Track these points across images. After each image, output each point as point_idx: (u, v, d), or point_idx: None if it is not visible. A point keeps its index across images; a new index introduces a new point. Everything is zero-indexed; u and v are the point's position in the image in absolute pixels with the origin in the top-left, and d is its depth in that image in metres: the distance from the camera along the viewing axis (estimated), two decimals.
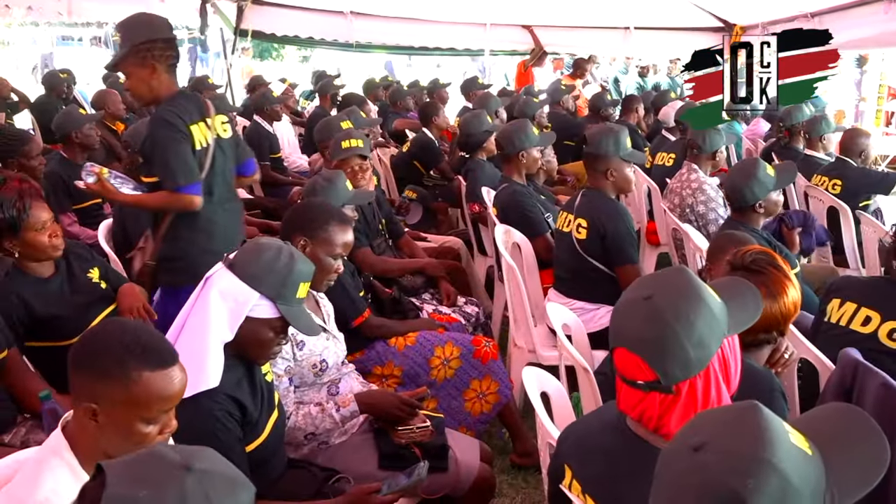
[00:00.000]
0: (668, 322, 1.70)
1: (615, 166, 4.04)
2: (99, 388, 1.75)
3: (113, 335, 1.81)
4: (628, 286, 3.83)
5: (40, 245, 3.10)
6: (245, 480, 1.34)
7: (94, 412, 1.76)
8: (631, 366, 1.75)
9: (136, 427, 1.78)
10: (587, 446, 1.91)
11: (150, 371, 1.77)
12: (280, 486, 2.52)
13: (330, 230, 3.03)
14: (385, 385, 3.53)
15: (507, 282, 4.24)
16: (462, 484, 2.84)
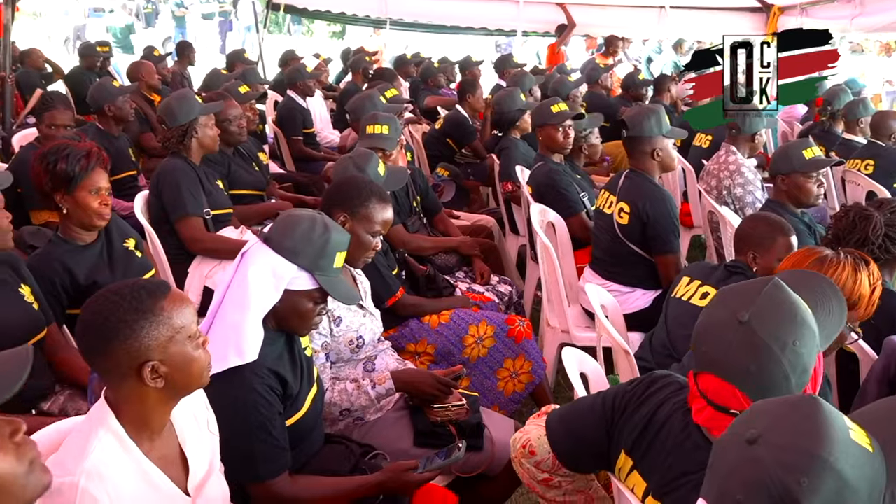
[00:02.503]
0: (771, 351, 1.62)
1: (660, 145, 4.00)
2: (143, 344, 1.76)
3: (108, 301, 1.80)
4: (668, 273, 3.85)
5: (89, 208, 3.13)
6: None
7: (154, 367, 1.77)
8: (725, 395, 1.67)
9: (191, 353, 1.83)
10: (650, 441, 1.84)
11: (164, 297, 1.81)
12: (318, 461, 2.52)
13: (370, 207, 3.01)
14: (418, 362, 3.53)
15: (541, 261, 4.21)
16: (497, 463, 2.84)
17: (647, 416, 1.87)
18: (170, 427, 1.93)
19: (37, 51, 9.54)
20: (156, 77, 7.54)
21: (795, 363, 1.62)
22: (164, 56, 9.18)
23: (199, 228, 4.14)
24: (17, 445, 1.33)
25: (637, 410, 1.90)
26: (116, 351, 1.76)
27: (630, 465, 1.88)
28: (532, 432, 2.08)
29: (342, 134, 7.89)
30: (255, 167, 5.25)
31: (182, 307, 1.83)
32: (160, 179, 4.23)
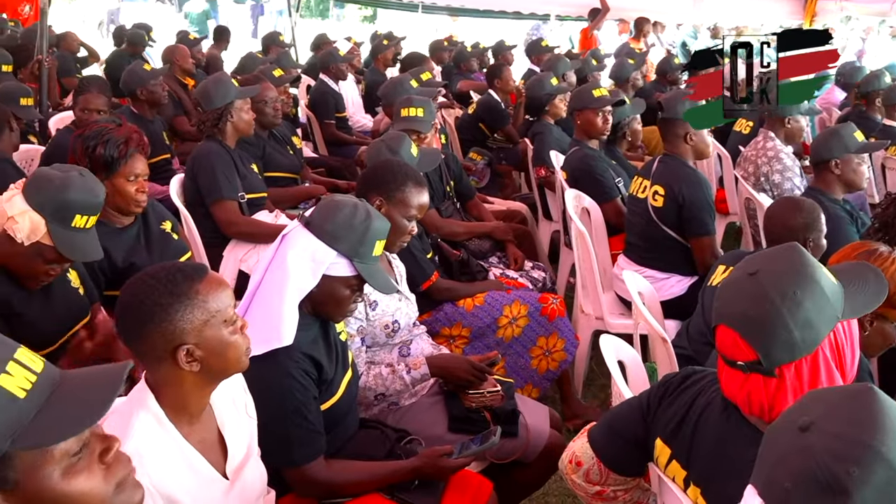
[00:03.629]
0: (771, 299, 1.62)
1: (694, 130, 3.95)
2: (178, 327, 1.77)
3: (143, 283, 1.81)
4: (704, 258, 3.82)
5: (126, 194, 3.14)
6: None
7: (189, 350, 1.78)
8: (731, 344, 1.67)
9: (227, 338, 1.83)
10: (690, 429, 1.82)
11: (199, 281, 1.81)
12: (353, 445, 2.52)
13: (406, 191, 3.00)
14: (453, 346, 3.53)
15: (576, 247, 4.19)
16: (532, 450, 2.82)
17: (684, 407, 1.86)
18: (209, 410, 1.93)
19: (72, 34, 9.59)
20: (190, 61, 7.56)
21: (795, 313, 1.61)
22: (199, 40, 9.19)
23: (234, 212, 4.15)
24: (106, 465, 1.31)
25: (674, 402, 1.89)
26: (151, 334, 1.77)
27: (668, 454, 1.86)
28: (576, 445, 2.07)
29: (375, 118, 7.88)
30: (289, 150, 5.26)
31: (218, 291, 1.83)
32: (195, 163, 4.24)
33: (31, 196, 2.51)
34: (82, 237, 2.61)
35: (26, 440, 1.20)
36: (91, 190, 2.63)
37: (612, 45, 11.34)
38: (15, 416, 1.20)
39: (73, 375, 1.31)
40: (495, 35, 12.14)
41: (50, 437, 1.22)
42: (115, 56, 9.03)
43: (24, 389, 1.22)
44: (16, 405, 1.20)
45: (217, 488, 1.89)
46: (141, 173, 3.16)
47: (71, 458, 1.25)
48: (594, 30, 11.81)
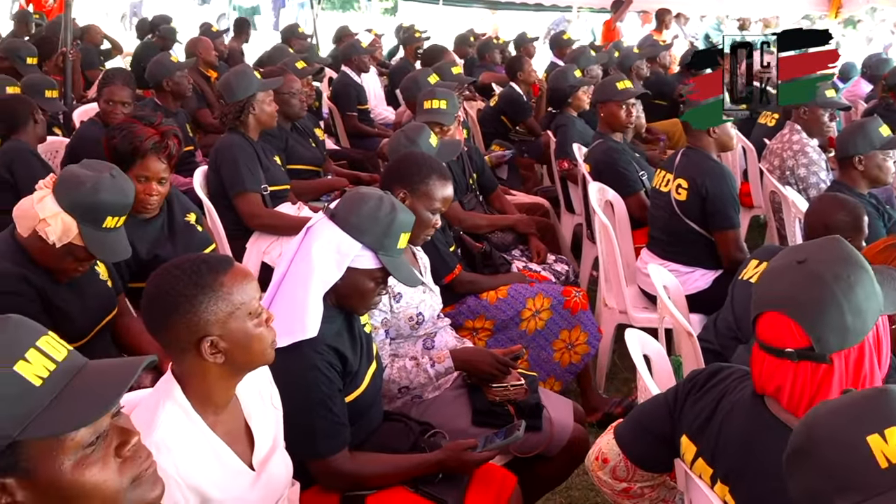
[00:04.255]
0: (827, 283, 1.60)
1: None
2: (202, 318, 1.77)
3: (168, 275, 1.82)
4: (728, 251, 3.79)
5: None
6: None
7: (214, 342, 1.78)
8: (781, 331, 1.64)
9: (251, 330, 1.82)
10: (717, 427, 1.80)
11: (224, 273, 1.81)
12: (377, 438, 2.52)
13: (431, 184, 2.99)
14: (476, 339, 3.52)
15: (599, 241, 4.17)
16: (555, 444, 2.81)
17: (711, 404, 1.84)
18: (235, 402, 1.93)
19: (95, 27, 9.65)
20: (213, 53, 7.58)
21: (849, 297, 1.59)
22: (222, 32, 9.22)
23: (256, 204, 4.16)
24: (122, 459, 1.30)
25: (700, 398, 1.87)
26: (176, 324, 1.77)
27: (694, 451, 1.84)
28: (602, 442, 2.06)
29: (397, 111, 7.87)
30: (311, 143, 5.26)
31: (243, 283, 1.83)
32: (218, 155, 4.25)
33: (63, 198, 2.52)
34: (113, 237, 2.63)
35: (37, 429, 1.20)
36: (122, 191, 2.65)
37: (636, 37, 11.26)
38: (29, 404, 1.20)
39: (96, 366, 1.30)
40: (516, 28, 12.10)
41: (61, 427, 1.21)
42: (143, 48, 9.07)
43: (40, 377, 1.22)
44: (31, 393, 1.21)
45: (243, 479, 1.89)
46: (152, 176, 3.12)
47: (84, 449, 1.25)
48: (617, 22, 11.74)
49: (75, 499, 1.24)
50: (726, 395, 1.81)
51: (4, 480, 1.19)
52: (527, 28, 11.30)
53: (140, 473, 1.32)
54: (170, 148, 3.14)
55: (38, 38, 7.61)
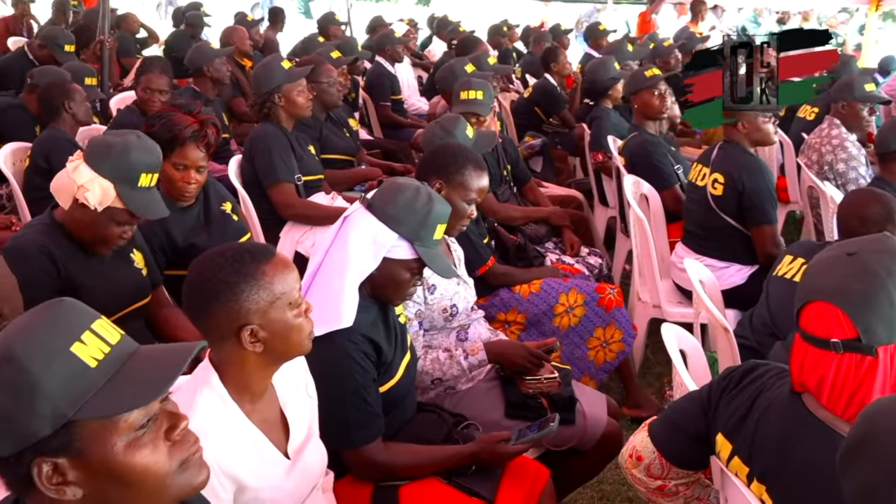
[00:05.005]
0: (878, 275, 1.59)
1: (748, 118, 3.85)
2: (243, 307, 1.78)
3: (211, 262, 1.83)
4: (765, 247, 3.74)
5: (172, 181, 3.15)
6: None
7: (253, 331, 1.79)
8: (827, 321, 1.62)
9: (291, 320, 1.84)
10: (753, 425, 1.78)
11: (267, 262, 1.82)
12: (410, 428, 2.52)
13: (466, 174, 2.98)
14: (508, 332, 3.51)
15: (633, 234, 4.14)
16: (589, 437, 2.80)
17: (747, 401, 1.82)
18: (271, 390, 1.94)
19: (132, 15, 9.72)
20: (247, 42, 7.60)
21: None
22: (257, 21, 9.25)
23: (290, 194, 4.17)
24: (172, 442, 1.31)
25: (736, 396, 1.85)
26: (217, 312, 1.78)
27: (730, 449, 1.82)
28: (636, 439, 2.05)
29: (431, 101, 7.87)
30: (345, 133, 5.27)
31: (285, 273, 1.83)
32: (252, 145, 4.27)
33: (96, 162, 2.57)
34: (149, 196, 2.69)
35: (92, 409, 1.21)
36: (150, 149, 2.71)
37: (670, 29, 11.16)
38: (84, 385, 1.21)
39: (147, 350, 1.32)
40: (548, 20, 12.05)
41: (115, 408, 1.23)
42: (175, 37, 9.12)
43: (95, 359, 1.23)
44: (86, 374, 1.22)
45: (279, 467, 1.90)
46: (190, 164, 3.13)
47: (136, 431, 1.26)
48: (652, 13, 11.63)
49: (125, 480, 1.25)
50: (763, 393, 1.79)
51: (57, 460, 1.21)
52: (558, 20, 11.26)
53: (188, 457, 1.33)
54: (208, 136, 3.15)
55: (77, 26, 7.68)
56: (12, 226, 3.81)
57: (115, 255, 2.80)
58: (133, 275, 2.87)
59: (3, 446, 1.18)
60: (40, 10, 10.47)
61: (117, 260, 2.80)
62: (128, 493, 1.27)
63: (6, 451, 1.18)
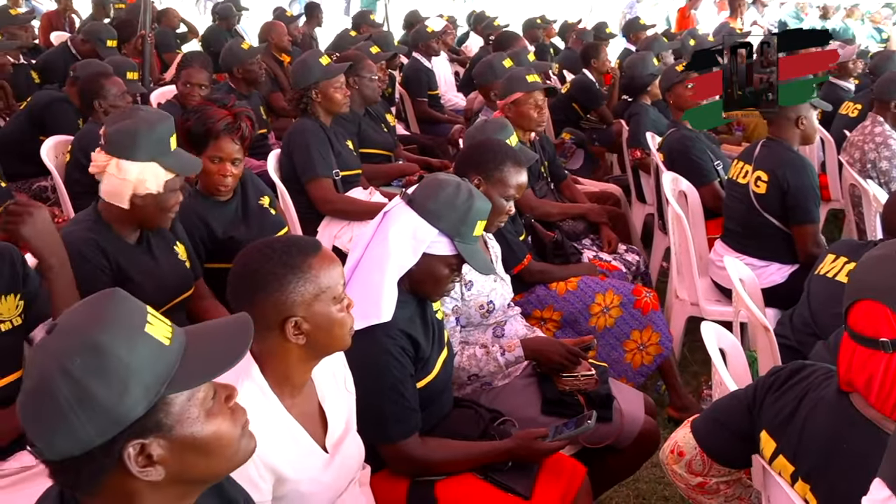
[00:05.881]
0: None
1: (806, 114, 3.80)
2: (289, 299, 1.81)
3: (259, 253, 1.86)
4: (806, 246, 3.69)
5: (209, 174, 3.17)
6: None
7: (297, 323, 1.81)
8: (876, 320, 1.59)
9: (334, 315, 1.86)
10: (800, 425, 1.76)
11: (313, 256, 1.85)
12: (447, 424, 2.52)
13: (505, 171, 2.98)
14: (544, 329, 3.50)
15: (672, 231, 4.11)
16: (626, 436, 2.79)
17: (794, 401, 1.80)
18: (310, 384, 1.96)
19: (173, 10, 9.81)
20: (286, 38, 7.63)
21: None
22: (296, 17, 9.29)
23: (329, 190, 4.19)
24: (231, 411, 1.36)
25: (782, 395, 1.83)
26: (263, 302, 1.80)
27: (774, 447, 1.80)
28: (678, 434, 2.03)
29: (468, 97, 7.85)
30: (383, 128, 5.29)
31: (330, 268, 1.85)
32: (291, 140, 4.30)
33: (131, 153, 2.60)
34: (183, 154, 2.75)
35: (178, 384, 1.25)
36: (160, 113, 2.76)
37: (710, 24, 11.05)
38: (166, 363, 1.25)
39: (197, 327, 1.39)
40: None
41: (197, 379, 1.28)
42: (211, 31, 9.20)
43: (167, 338, 1.28)
44: (165, 352, 1.26)
45: (317, 460, 1.92)
46: (225, 156, 3.14)
47: (209, 401, 1.31)
48: (692, 9, 11.53)
49: (206, 449, 1.30)
50: (810, 392, 1.77)
51: (144, 441, 1.24)
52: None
53: (245, 423, 1.39)
54: (242, 129, 3.16)
55: (118, 21, 7.76)
56: (55, 218, 3.84)
57: (160, 248, 2.83)
58: (178, 267, 2.90)
59: (101, 434, 1.20)
60: (82, 5, 10.60)
61: (163, 252, 2.83)
62: (208, 462, 1.32)
63: (101, 438, 1.20)
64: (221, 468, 1.36)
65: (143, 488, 1.27)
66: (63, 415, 1.19)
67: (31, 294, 2.33)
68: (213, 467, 1.34)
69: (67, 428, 1.19)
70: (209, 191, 3.22)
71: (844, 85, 6.71)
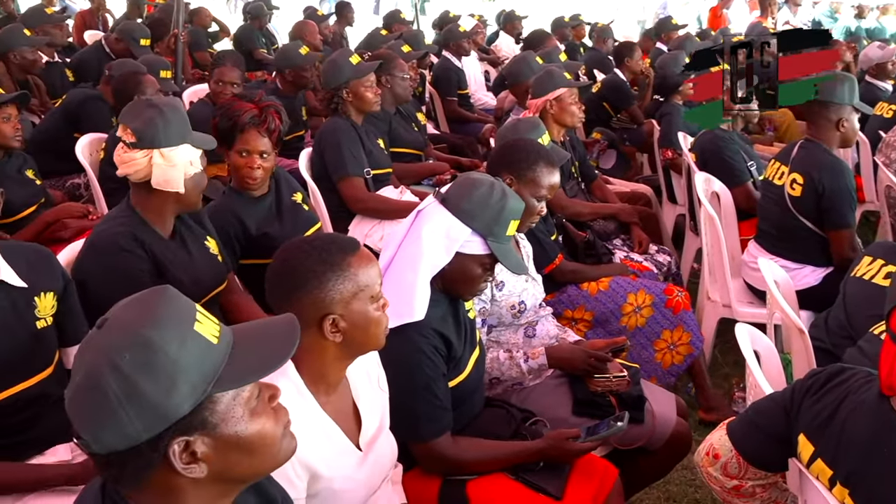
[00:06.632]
0: None
1: (847, 115, 3.75)
2: (327, 296, 1.82)
3: (299, 250, 1.87)
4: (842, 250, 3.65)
5: (237, 168, 3.19)
6: None
7: (335, 321, 1.82)
8: None
9: (371, 313, 1.87)
10: (839, 428, 1.74)
11: (352, 255, 1.86)
12: (479, 423, 2.52)
13: (538, 171, 2.97)
14: (575, 329, 3.48)
15: (704, 232, 4.08)
16: (657, 437, 2.77)
17: (832, 404, 1.77)
18: (345, 383, 1.96)
19: (205, 10, 9.88)
20: (318, 37, 7.66)
21: None
22: (327, 16, 9.32)
23: (360, 188, 4.20)
24: (274, 410, 1.37)
25: (821, 398, 1.80)
26: (302, 299, 1.81)
27: (811, 450, 1.78)
28: (714, 436, 2.01)
29: (499, 97, 7.85)
30: (413, 127, 5.29)
31: (368, 266, 1.86)
32: (322, 139, 4.31)
33: (165, 140, 2.62)
34: (200, 133, 2.77)
35: (224, 383, 1.26)
36: (168, 99, 2.86)
37: (743, 23, 10.95)
38: (213, 361, 1.26)
39: (243, 326, 1.40)
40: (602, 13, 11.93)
41: (243, 379, 1.29)
42: (242, 30, 9.25)
43: (215, 336, 1.29)
44: (213, 350, 1.27)
45: (351, 458, 1.92)
46: (252, 149, 3.14)
47: (254, 400, 1.32)
48: (724, 8, 11.44)
49: (249, 448, 1.31)
50: (849, 396, 1.75)
51: (189, 438, 1.25)
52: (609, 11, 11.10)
53: (287, 423, 1.39)
54: (268, 122, 3.15)
55: (152, 20, 7.83)
56: (89, 214, 3.89)
57: (193, 243, 2.84)
58: (211, 260, 2.91)
59: (147, 430, 1.21)
60: (115, 4, 10.70)
61: (195, 247, 2.85)
62: (251, 461, 1.32)
63: (148, 434, 1.21)
64: (263, 467, 1.37)
65: (186, 485, 1.28)
66: (111, 410, 1.20)
67: (66, 300, 2.37)
68: (255, 466, 1.35)
69: (115, 423, 1.20)
70: (241, 186, 3.24)
71: (882, 85, 6.64)
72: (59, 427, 2.21)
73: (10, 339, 2.18)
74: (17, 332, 2.20)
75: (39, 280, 2.29)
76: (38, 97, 6.04)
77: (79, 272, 2.59)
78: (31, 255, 2.33)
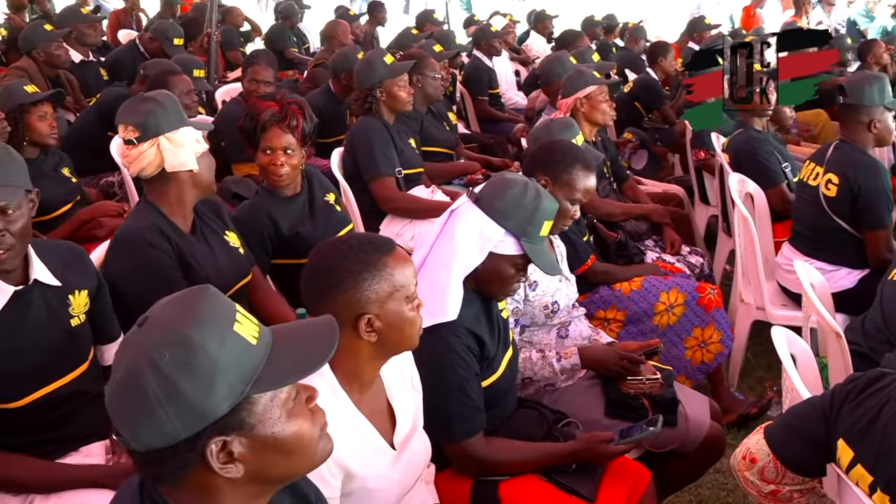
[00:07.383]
0: None
1: (880, 116, 3.71)
2: (363, 296, 1.82)
3: (335, 250, 1.88)
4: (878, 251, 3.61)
5: (262, 166, 3.20)
6: None
7: (370, 320, 1.83)
8: None
9: (406, 313, 1.87)
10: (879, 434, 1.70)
11: (388, 255, 1.86)
12: (511, 424, 2.51)
13: (574, 173, 2.96)
14: (608, 329, 3.46)
15: (738, 234, 4.04)
16: (691, 440, 2.74)
17: (873, 410, 1.75)
18: (379, 382, 1.97)
19: (237, 9, 9.95)
20: (349, 37, 7.68)
21: None
22: (359, 16, 9.34)
23: (391, 188, 4.21)
24: (312, 412, 1.37)
25: (861, 403, 1.78)
26: (338, 298, 1.82)
27: (851, 456, 1.76)
28: (751, 440, 1.99)
29: (530, 96, 7.83)
30: (445, 126, 5.29)
31: (404, 266, 1.86)
32: (354, 139, 4.33)
33: (166, 126, 2.64)
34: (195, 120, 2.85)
35: (262, 384, 1.27)
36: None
37: (777, 23, 10.85)
38: (252, 361, 1.27)
39: (282, 327, 1.40)
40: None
41: (281, 380, 1.29)
42: (274, 30, 9.30)
43: (254, 337, 1.30)
44: (252, 351, 1.28)
45: (385, 457, 1.93)
46: (275, 146, 3.13)
47: (291, 402, 1.32)
48: (757, 7, 11.33)
49: (286, 449, 1.31)
50: (890, 401, 1.72)
51: (226, 438, 1.25)
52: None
53: (324, 425, 1.40)
54: (289, 118, 3.14)
55: (185, 19, 7.89)
56: (123, 213, 3.92)
57: (212, 237, 2.85)
58: (232, 253, 2.91)
59: (186, 429, 1.22)
60: (148, 3, 10.79)
61: (215, 240, 2.85)
62: (288, 461, 1.33)
63: (186, 433, 1.22)
64: (299, 468, 1.37)
65: (223, 484, 1.29)
66: (151, 408, 1.21)
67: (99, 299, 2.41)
68: (292, 467, 1.35)
69: (154, 421, 1.21)
70: (271, 184, 3.24)
71: None
72: (93, 424, 2.25)
73: (46, 338, 2.21)
74: (51, 330, 2.23)
75: (73, 278, 2.32)
76: (71, 95, 6.10)
77: (107, 272, 2.59)
78: (64, 254, 2.36)
